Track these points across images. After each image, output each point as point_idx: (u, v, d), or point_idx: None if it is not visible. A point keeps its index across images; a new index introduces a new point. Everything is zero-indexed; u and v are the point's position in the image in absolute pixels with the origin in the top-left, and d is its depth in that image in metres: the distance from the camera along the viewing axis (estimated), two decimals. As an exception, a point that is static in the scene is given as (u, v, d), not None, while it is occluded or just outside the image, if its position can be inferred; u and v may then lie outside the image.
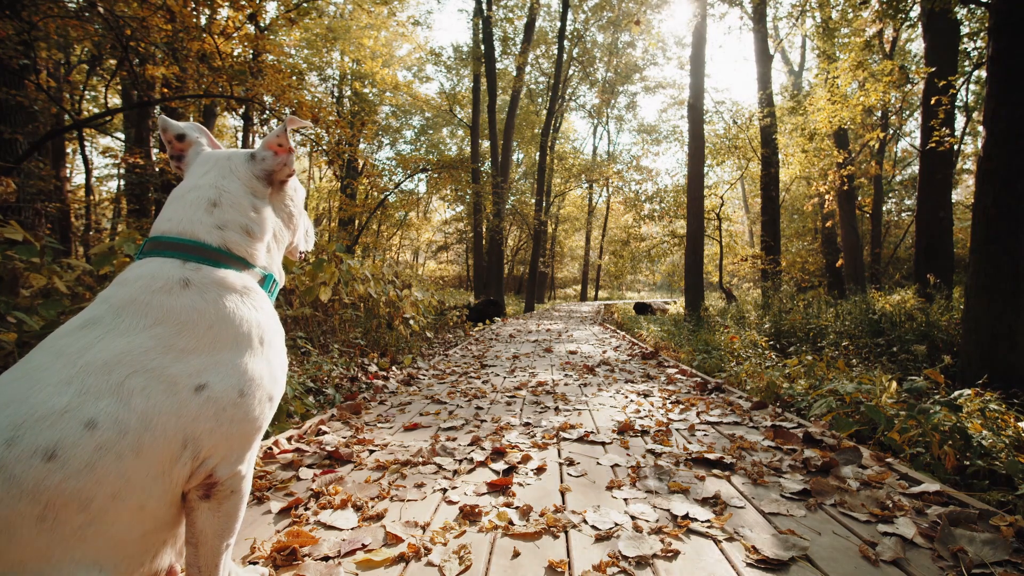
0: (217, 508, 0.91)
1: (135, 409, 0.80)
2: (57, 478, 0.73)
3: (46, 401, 0.77)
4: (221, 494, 0.91)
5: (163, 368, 0.84)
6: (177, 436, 0.83)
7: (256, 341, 0.96)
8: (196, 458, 0.87)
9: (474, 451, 2.22)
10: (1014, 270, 3.81)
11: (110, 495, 0.77)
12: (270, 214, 1.12)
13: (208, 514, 0.91)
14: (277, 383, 1.00)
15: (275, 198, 1.14)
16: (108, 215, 15.11)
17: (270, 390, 0.97)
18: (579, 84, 26.00)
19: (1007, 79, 3.98)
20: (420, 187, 25.02)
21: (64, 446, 0.74)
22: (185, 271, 0.95)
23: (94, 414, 0.77)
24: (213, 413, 0.86)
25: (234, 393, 0.89)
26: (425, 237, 32.27)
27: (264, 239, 1.09)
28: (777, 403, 3.55)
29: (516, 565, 1.32)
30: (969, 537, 1.41)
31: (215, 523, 0.92)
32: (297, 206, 1.22)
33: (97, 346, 0.84)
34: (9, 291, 2.75)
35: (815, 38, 12.15)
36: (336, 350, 4.65)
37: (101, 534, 0.78)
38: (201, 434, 0.86)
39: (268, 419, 0.98)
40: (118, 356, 0.83)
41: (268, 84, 5.78)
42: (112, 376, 0.81)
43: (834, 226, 16.05)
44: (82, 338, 0.85)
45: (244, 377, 0.91)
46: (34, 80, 4.59)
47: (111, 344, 0.84)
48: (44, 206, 4.65)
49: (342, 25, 15.85)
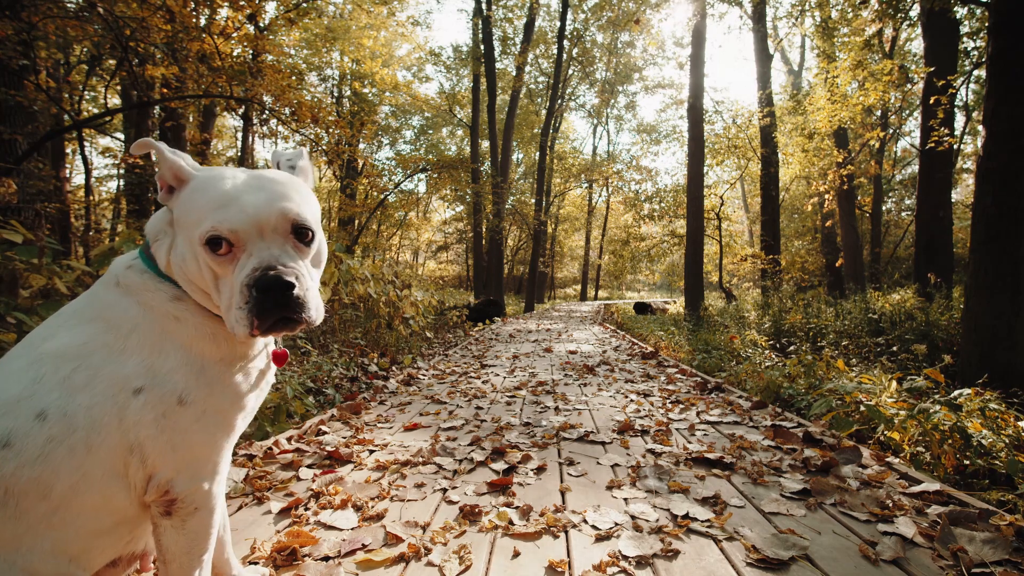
0: (181, 526, 0.87)
1: (81, 405, 0.79)
2: (12, 466, 0.74)
3: (5, 389, 0.78)
4: (183, 511, 0.86)
5: (102, 366, 0.82)
6: (122, 439, 0.81)
7: (188, 351, 0.87)
8: (144, 465, 0.83)
9: (474, 451, 2.22)
10: (1014, 270, 3.81)
11: (69, 487, 0.77)
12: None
13: (172, 532, 0.87)
14: (230, 400, 0.91)
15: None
16: (108, 215, 15.10)
17: (219, 404, 0.88)
18: (579, 84, 26.01)
19: (1007, 78, 3.98)
20: (420, 187, 25.07)
21: (17, 435, 0.75)
22: (125, 269, 0.90)
23: (45, 406, 0.77)
24: (153, 419, 0.82)
25: (172, 400, 0.83)
26: (425, 237, 32.27)
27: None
28: (777, 403, 3.55)
29: (516, 565, 1.32)
30: (969, 536, 1.41)
31: (181, 542, 0.87)
32: (190, 236, 1.10)
33: (56, 335, 0.84)
34: (9, 291, 2.75)
35: (815, 38, 12.14)
36: (336, 350, 4.65)
37: (69, 523, 0.78)
38: (144, 440, 0.82)
39: (224, 436, 0.90)
40: (65, 348, 0.82)
41: (268, 84, 5.78)
42: (61, 369, 0.80)
43: (834, 225, 16.05)
44: (50, 324, 0.86)
45: (180, 386, 0.85)
46: (34, 80, 4.58)
47: (64, 334, 0.84)
48: (44, 207, 4.65)
49: (342, 25, 15.83)
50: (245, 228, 0.82)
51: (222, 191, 0.84)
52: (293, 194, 0.88)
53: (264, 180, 0.88)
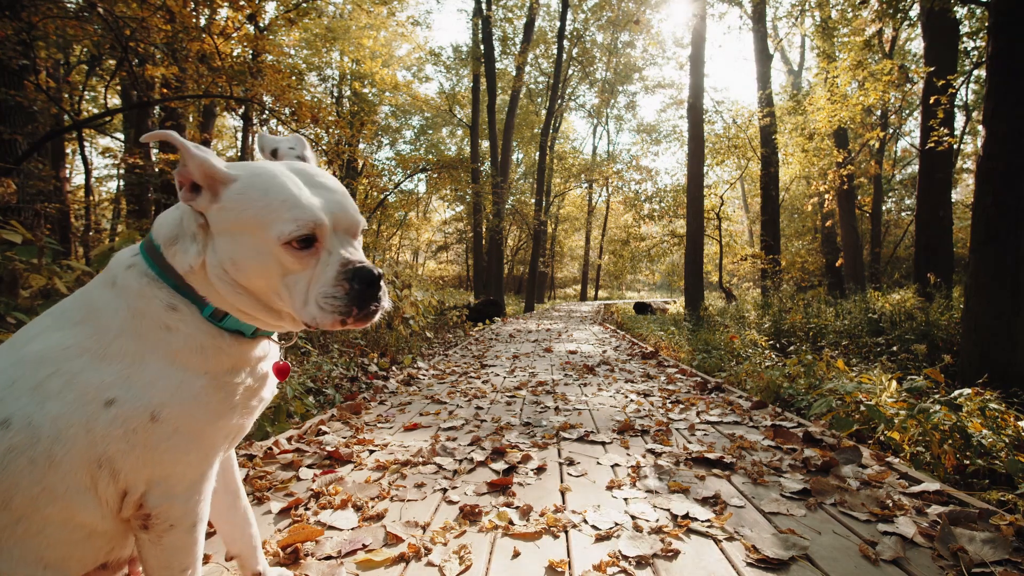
0: (157, 541, 0.85)
1: (48, 414, 0.75)
2: None
3: None
4: (159, 527, 0.84)
5: (78, 373, 0.78)
6: (90, 453, 0.77)
7: (173, 364, 0.83)
8: (116, 480, 0.80)
9: (474, 451, 2.22)
10: (1014, 270, 3.81)
11: (30, 499, 0.74)
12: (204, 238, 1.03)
13: (150, 546, 0.85)
14: (209, 418, 0.86)
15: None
16: (108, 216, 15.10)
17: (192, 424, 0.84)
18: (579, 84, 26.00)
19: (1007, 78, 3.98)
20: (420, 187, 25.07)
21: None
22: (124, 269, 0.87)
23: (11, 413, 0.74)
24: (122, 434, 0.78)
25: (144, 416, 0.79)
26: (425, 237, 32.27)
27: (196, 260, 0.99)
28: (777, 402, 3.55)
29: (516, 565, 1.32)
30: (969, 536, 1.41)
31: (159, 556, 0.86)
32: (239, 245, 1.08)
33: (39, 336, 0.82)
34: (9, 292, 2.75)
35: (814, 38, 12.15)
36: (336, 350, 4.65)
37: (36, 533, 0.76)
38: (114, 455, 0.79)
39: (200, 455, 0.87)
40: (47, 351, 0.79)
41: (267, 84, 5.78)
42: (37, 373, 0.77)
43: (834, 225, 16.06)
44: (36, 325, 0.84)
45: (155, 400, 0.80)
46: (33, 80, 4.58)
47: (49, 336, 0.81)
48: (44, 207, 4.64)
49: (341, 25, 15.83)
50: (327, 226, 0.84)
51: (290, 191, 0.83)
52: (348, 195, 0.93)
53: (320, 178, 0.90)
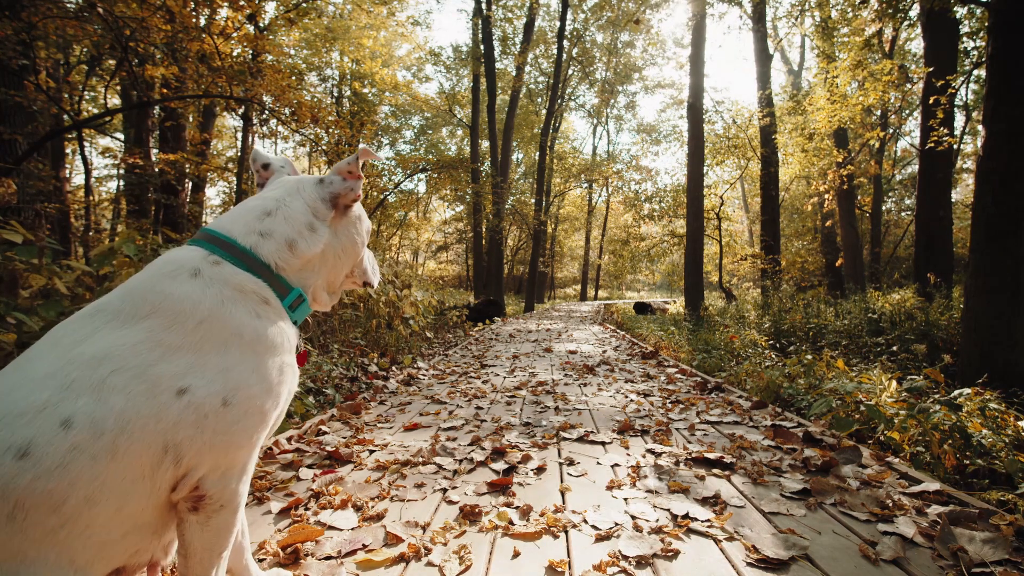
0: (206, 522, 0.89)
1: (113, 409, 0.77)
2: (27, 477, 0.71)
3: (28, 396, 0.75)
4: (210, 508, 0.88)
5: (148, 366, 0.81)
6: (157, 441, 0.80)
7: (250, 350, 0.90)
8: (178, 465, 0.83)
9: (474, 451, 2.22)
10: (1014, 270, 3.81)
11: (84, 498, 0.75)
12: (328, 235, 1.11)
13: (197, 527, 0.88)
14: (272, 400, 0.93)
15: (337, 223, 1.14)
16: (108, 216, 15.11)
17: (262, 405, 0.90)
18: (579, 84, 26.01)
19: (1007, 78, 3.98)
20: (420, 187, 25.06)
21: (38, 444, 0.72)
22: (202, 262, 0.92)
23: (72, 412, 0.75)
24: (194, 420, 0.82)
25: (217, 401, 0.84)
26: (425, 237, 32.27)
27: (306, 256, 1.06)
28: (777, 402, 3.55)
29: (516, 565, 1.32)
30: (969, 536, 1.41)
31: (204, 537, 0.89)
32: (360, 235, 1.21)
33: (92, 337, 0.82)
34: (9, 292, 2.75)
35: (814, 37, 12.14)
36: (336, 350, 4.65)
37: (76, 536, 0.76)
38: (182, 441, 0.82)
39: (261, 437, 0.93)
40: (106, 350, 0.80)
41: (267, 84, 5.78)
42: (96, 372, 0.78)
43: (834, 225, 16.06)
44: (83, 327, 0.84)
45: (229, 385, 0.85)
46: (33, 80, 4.59)
47: (105, 336, 0.82)
48: (44, 207, 4.65)
49: (341, 25, 15.83)
50: None
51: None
52: None
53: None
